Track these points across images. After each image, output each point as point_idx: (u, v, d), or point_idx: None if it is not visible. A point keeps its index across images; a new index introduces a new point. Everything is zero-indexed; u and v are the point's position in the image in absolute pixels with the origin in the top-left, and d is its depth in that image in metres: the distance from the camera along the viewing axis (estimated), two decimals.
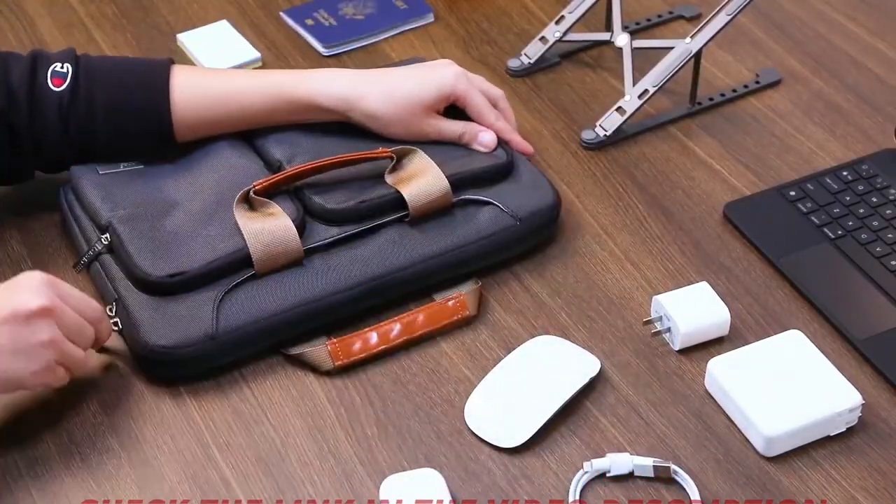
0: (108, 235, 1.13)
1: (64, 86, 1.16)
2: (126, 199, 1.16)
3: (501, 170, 1.21)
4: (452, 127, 1.24)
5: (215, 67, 1.40)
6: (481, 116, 1.25)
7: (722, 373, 1.06)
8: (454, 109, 1.25)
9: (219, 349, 1.08)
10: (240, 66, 1.43)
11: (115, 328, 1.09)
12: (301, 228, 1.13)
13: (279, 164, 1.19)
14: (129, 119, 1.18)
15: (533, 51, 1.43)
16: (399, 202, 1.16)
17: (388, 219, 1.15)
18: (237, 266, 1.10)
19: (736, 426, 1.05)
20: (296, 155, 1.19)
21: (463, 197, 1.18)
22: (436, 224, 1.16)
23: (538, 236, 1.20)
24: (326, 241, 1.13)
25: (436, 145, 1.22)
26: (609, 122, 1.33)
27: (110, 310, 1.10)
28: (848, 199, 1.24)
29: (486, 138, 1.23)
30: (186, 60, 1.45)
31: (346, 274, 1.12)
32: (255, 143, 1.23)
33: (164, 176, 1.19)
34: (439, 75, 1.24)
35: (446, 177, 1.17)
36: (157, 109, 1.18)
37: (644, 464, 1.01)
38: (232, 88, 1.21)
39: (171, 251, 1.11)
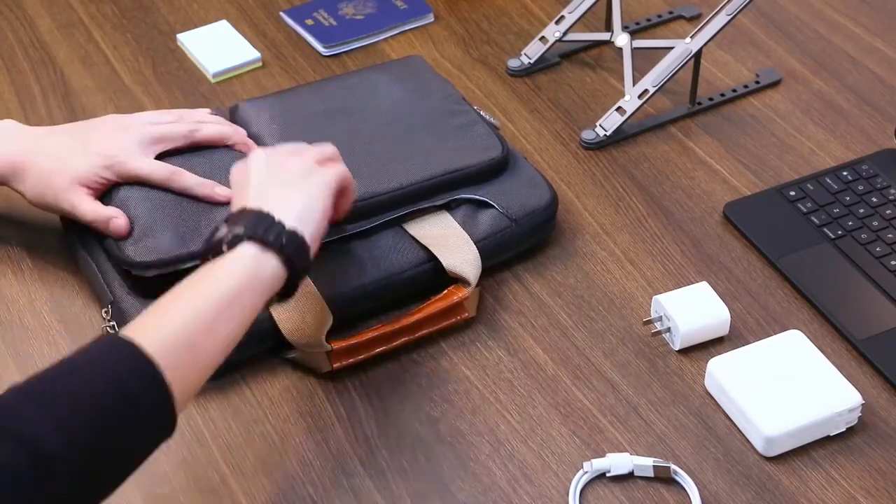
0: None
1: None
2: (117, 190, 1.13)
3: (496, 166, 1.20)
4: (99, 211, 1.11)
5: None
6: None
7: (722, 373, 1.06)
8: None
9: None
10: (240, 66, 1.43)
11: (112, 331, 1.09)
12: None
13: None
14: None
15: (533, 51, 1.43)
16: (394, 201, 1.15)
17: (385, 219, 1.15)
18: None
19: (736, 426, 1.05)
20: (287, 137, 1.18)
21: (458, 196, 1.17)
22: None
23: (535, 236, 1.20)
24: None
25: (427, 136, 1.20)
26: (609, 122, 1.33)
27: (106, 313, 1.10)
28: (848, 199, 1.24)
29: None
30: (187, 60, 1.45)
31: (343, 278, 1.11)
32: (237, 116, 1.22)
33: None
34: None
35: (438, 175, 1.16)
36: None
37: (644, 464, 1.01)
38: None
39: (159, 243, 1.10)
